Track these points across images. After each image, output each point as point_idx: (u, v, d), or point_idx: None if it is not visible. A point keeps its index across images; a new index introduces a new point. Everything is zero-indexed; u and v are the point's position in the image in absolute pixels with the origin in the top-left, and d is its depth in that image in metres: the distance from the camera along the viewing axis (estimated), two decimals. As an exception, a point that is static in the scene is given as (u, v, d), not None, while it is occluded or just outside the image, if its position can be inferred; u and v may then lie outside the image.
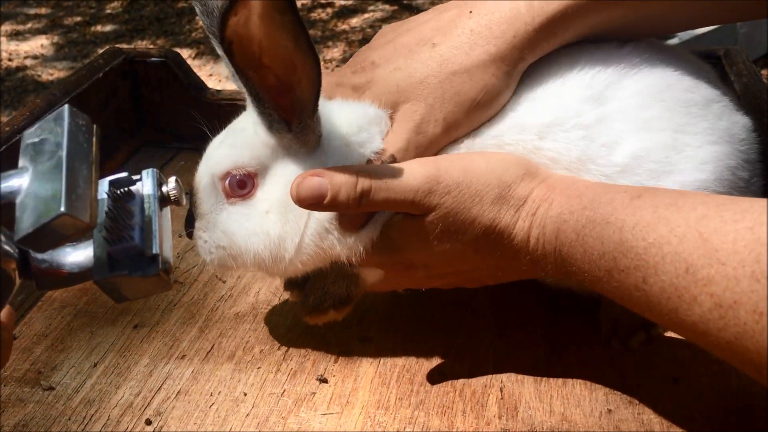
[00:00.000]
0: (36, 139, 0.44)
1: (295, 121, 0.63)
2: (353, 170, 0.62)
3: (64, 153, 0.43)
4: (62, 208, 0.41)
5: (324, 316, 0.70)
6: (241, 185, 0.66)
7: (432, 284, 0.70)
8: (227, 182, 0.66)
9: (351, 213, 0.64)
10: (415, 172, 0.63)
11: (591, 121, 0.64)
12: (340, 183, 0.61)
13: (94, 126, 0.47)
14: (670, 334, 0.71)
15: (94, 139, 0.46)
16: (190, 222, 0.69)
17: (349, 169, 0.62)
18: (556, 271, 0.62)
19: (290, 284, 0.76)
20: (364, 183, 0.61)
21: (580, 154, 0.64)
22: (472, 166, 0.64)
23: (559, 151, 0.65)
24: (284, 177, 0.65)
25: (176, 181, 0.52)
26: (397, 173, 0.62)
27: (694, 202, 0.52)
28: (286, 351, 0.74)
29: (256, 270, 0.69)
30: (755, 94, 0.83)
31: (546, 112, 0.66)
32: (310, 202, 0.61)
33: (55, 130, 0.44)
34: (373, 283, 0.70)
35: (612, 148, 0.64)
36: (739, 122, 0.68)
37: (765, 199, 0.49)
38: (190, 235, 0.69)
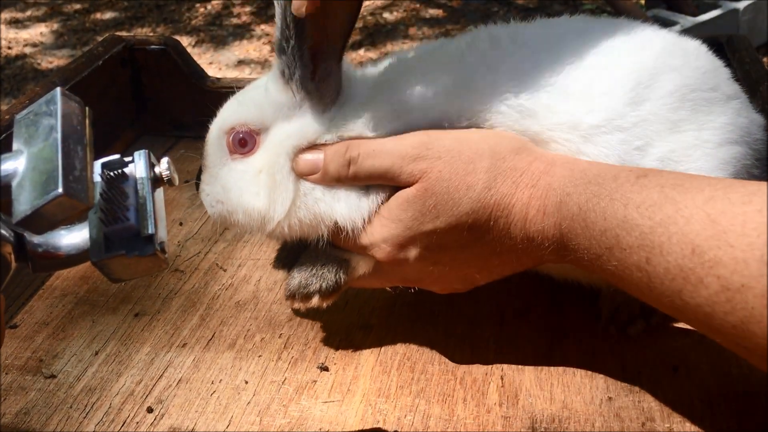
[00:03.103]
0: (29, 122, 0.44)
1: (320, 65, 0.64)
2: (346, 142, 0.64)
3: (59, 135, 0.43)
4: (60, 189, 0.41)
5: (308, 301, 0.68)
6: (242, 143, 0.67)
7: (423, 280, 0.68)
8: (231, 138, 0.68)
9: (344, 183, 0.65)
10: (404, 139, 0.63)
11: (629, 123, 0.63)
12: (331, 154, 0.64)
13: (87, 108, 0.47)
14: (669, 322, 0.71)
15: (87, 121, 0.46)
16: (199, 174, 0.71)
17: (343, 143, 0.64)
18: (553, 251, 0.61)
19: (279, 263, 0.76)
20: (352, 151, 0.64)
21: (618, 159, 0.62)
22: (465, 136, 0.63)
23: (596, 157, 0.63)
24: (279, 138, 0.66)
25: (168, 162, 0.52)
26: (386, 142, 0.64)
27: (701, 183, 0.52)
28: (287, 339, 0.74)
29: (249, 229, 0.68)
30: (757, 81, 0.83)
31: (597, 114, 0.63)
32: (306, 174, 0.65)
33: (48, 113, 0.44)
34: (365, 273, 0.69)
35: (644, 151, 0.63)
36: (755, 120, 0.68)
37: None
38: (197, 186, 0.71)
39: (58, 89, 0.45)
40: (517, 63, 0.66)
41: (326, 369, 0.70)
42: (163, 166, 0.52)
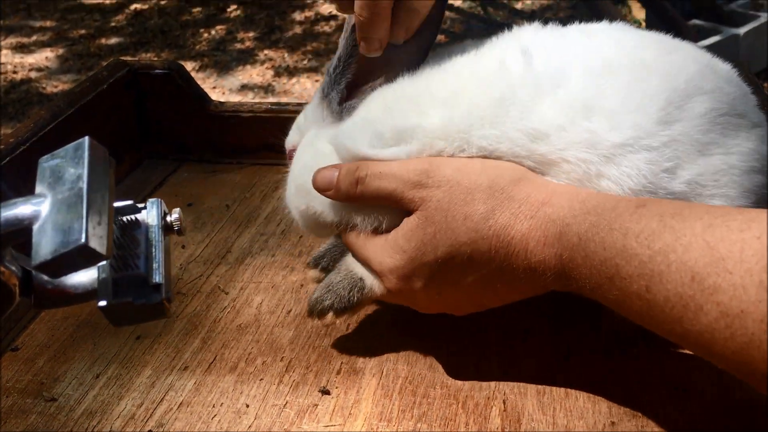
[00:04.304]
0: (55, 167, 0.45)
1: (351, 97, 0.72)
2: (358, 162, 0.67)
3: (85, 184, 0.44)
4: (83, 239, 0.42)
5: (323, 317, 0.70)
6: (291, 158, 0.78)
7: (431, 307, 0.69)
8: (288, 158, 0.80)
9: (354, 202, 0.68)
10: (409, 165, 0.64)
11: (658, 143, 0.60)
12: (344, 172, 0.67)
13: (111, 158, 0.48)
14: (673, 344, 0.71)
15: (111, 171, 0.47)
16: None
17: (355, 163, 0.68)
18: (555, 280, 0.61)
19: (314, 263, 0.80)
20: (361, 171, 0.66)
21: (644, 181, 0.60)
22: (465, 166, 0.63)
23: (618, 180, 0.60)
24: (301, 144, 0.76)
25: (179, 212, 0.54)
26: (392, 165, 0.65)
27: (699, 211, 0.52)
28: (289, 362, 0.74)
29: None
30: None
31: (623, 132, 0.60)
32: (322, 190, 0.69)
33: (75, 160, 0.45)
34: (380, 295, 0.69)
35: (673, 173, 0.60)
36: None
37: None
38: None
39: (87, 138, 0.47)
40: (537, 77, 0.64)
41: (328, 392, 0.70)
42: (175, 216, 0.53)
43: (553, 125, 0.62)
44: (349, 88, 0.72)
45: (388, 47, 0.69)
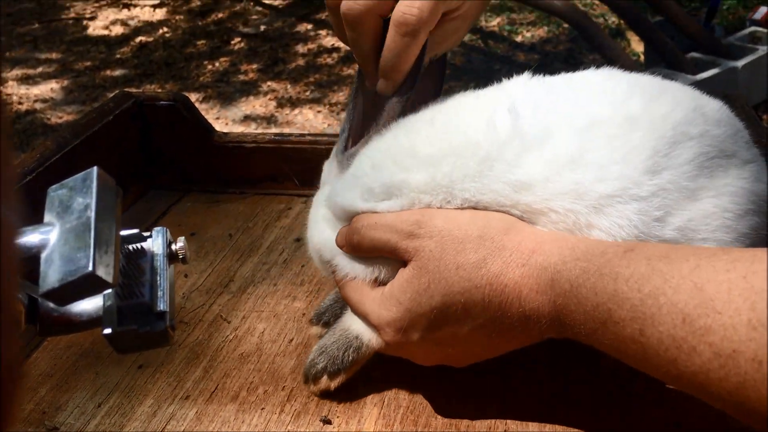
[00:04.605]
0: (63, 196, 0.46)
1: (353, 145, 0.74)
2: (359, 215, 0.70)
3: (92, 214, 0.45)
4: (90, 268, 0.43)
5: (317, 381, 0.71)
6: None
7: (430, 358, 0.69)
8: None
9: (355, 253, 0.70)
10: (402, 216, 0.66)
11: (647, 192, 0.61)
12: (350, 226, 0.70)
13: (118, 188, 0.49)
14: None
15: (118, 200, 0.48)
16: None
17: (358, 216, 0.70)
18: (550, 327, 0.61)
19: (316, 319, 0.81)
20: (358, 222, 0.68)
21: (636, 231, 0.60)
22: (455, 216, 0.64)
23: (609, 230, 0.61)
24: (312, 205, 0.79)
25: (184, 240, 0.55)
26: (387, 216, 0.67)
27: (686, 253, 0.53)
28: (290, 392, 0.74)
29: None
30: (754, 139, 0.84)
31: (610, 183, 0.61)
32: (341, 245, 0.71)
33: (83, 190, 0.46)
34: (379, 349, 0.70)
35: (664, 221, 0.61)
36: None
37: (754, 249, 0.50)
38: None
39: (95, 168, 0.48)
40: (523, 137, 0.64)
41: (329, 422, 0.70)
42: (180, 245, 0.54)
43: (537, 177, 0.63)
44: (353, 138, 0.75)
45: (384, 98, 0.72)
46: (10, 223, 0.24)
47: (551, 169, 0.62)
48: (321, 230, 0.75)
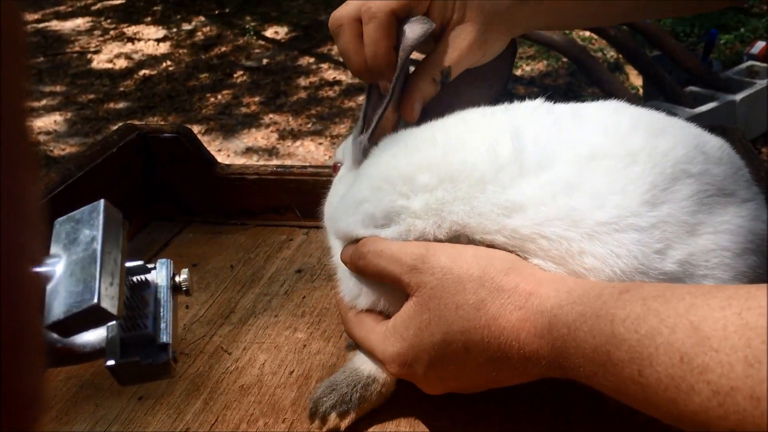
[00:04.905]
0: (70, 228, 0.47)
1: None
2: (365, 238, 0.70)
3: (99, 246, 0.45)
4: (95, 300, 0.43)
5: (326, 421, 0.69)
6: None
7: (435, 389, 0.69)
8: None
9: (360, 274, 0.71)
10: (408, 248, 0.66)
11: (646, 223, 0.60)
12: (356, 246, 0.70)
13: (124, 220, 0.50)
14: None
15: (124, 233, 0.49)
16: None
17: (364, 239, 0.71)
18: (550, 368, 0.61)
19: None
20: (365, 246, 0.69)
21: (635, 261, 0.60)
22: (459, 254, 0.64)
23: (605, 258, 0.60)
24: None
25: (188, 272, 0.55)
26: (393, 246, 0.67)
27: (681, 292, 0.53)
28: (291, 424, 0.73)
29: None
30: (753, 177, 0.85)
31: (607, 211, 0.61)
32: (345, 262, 0.72)
33: (90, 222, 0.47)
34: (388, 387, 0.71)
35: (664, 254, 0.60)
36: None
37: (748, 286, 0.50)
38: None
39: (102, 201, 0.48)
40: (522, 163, 0.64)
41: (329, 455, 0.69)
42: (183, 277, 0.55)
43: (531, 199, 0.62)
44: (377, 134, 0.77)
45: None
46: (34, 252, 0.25)
47: (546, 192, 0.62)
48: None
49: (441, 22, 0.76)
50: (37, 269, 0.27)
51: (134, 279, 0.52)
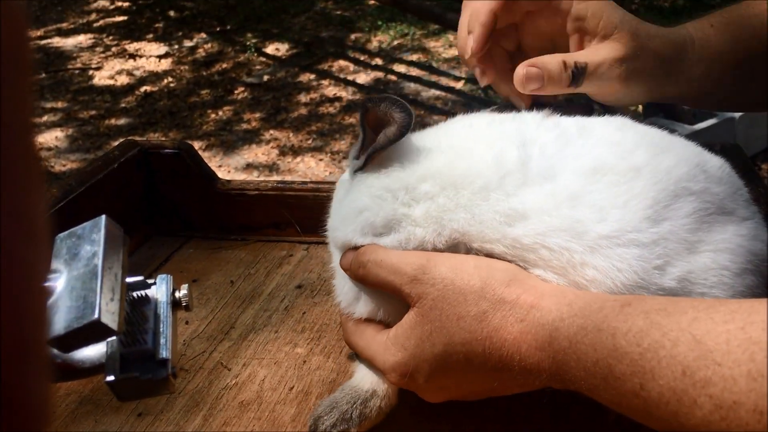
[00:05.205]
0: (71, 244, 0.47)
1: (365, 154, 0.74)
2: (365, 247, 0.69)
3: (100, 262, 0.46)
4: (96, 315, 0.43)
5: None
6: None
7: (436, 397, 0.69)
8: None
9: (360, 282, 0.70)
10: (408, 258, 0.66)
11: (647, 240, 0.61)
12: (357, 254, 0.69)
13: (126, 236, 0.50)
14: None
15: (125, 249, 0.49)
16: None
17: (364, 247, 0.70)
18: (551, 380, 0.61)
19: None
20: (365, 255, 0.68)
21: (635, 276, 0.60)
22: (461, 265, 0.64)
23: (607, 272, 0.60)
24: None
25: (188, 288, 0.55)
26: (393, 255, 0.67)
27: (684, 306, 0.53)
28: (290, 440, 0.73)
29: None
30: (752, 195, 0.85)
31: (609, 224, 0.61)
32: (345, 269, 0.71)
33: (91, 238, 0.47)
34: (389, 401, 0.70)
35: (664, 270, 0.61)
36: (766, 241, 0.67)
37: (751, 300, 0.50)
38: None
39: (104, 217, 0.48)
40: (527, 173, 0.65)
41: (329, 471, 0.69)
42: (183, 293, 0.55)
43: (534, 209, 0.63)
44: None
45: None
46: (40, 267, 0.25)
47: (549, 203, 0.63)
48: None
49: (578, 30, 0.79)
50: (43, 284, 0.27)
51: (134, 294, 0.52)
